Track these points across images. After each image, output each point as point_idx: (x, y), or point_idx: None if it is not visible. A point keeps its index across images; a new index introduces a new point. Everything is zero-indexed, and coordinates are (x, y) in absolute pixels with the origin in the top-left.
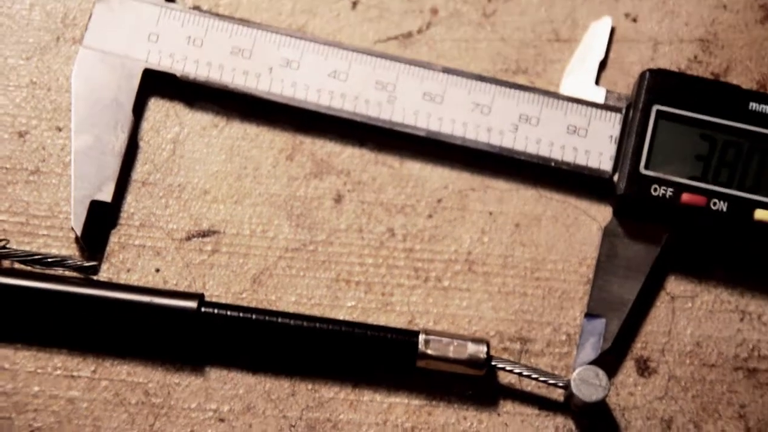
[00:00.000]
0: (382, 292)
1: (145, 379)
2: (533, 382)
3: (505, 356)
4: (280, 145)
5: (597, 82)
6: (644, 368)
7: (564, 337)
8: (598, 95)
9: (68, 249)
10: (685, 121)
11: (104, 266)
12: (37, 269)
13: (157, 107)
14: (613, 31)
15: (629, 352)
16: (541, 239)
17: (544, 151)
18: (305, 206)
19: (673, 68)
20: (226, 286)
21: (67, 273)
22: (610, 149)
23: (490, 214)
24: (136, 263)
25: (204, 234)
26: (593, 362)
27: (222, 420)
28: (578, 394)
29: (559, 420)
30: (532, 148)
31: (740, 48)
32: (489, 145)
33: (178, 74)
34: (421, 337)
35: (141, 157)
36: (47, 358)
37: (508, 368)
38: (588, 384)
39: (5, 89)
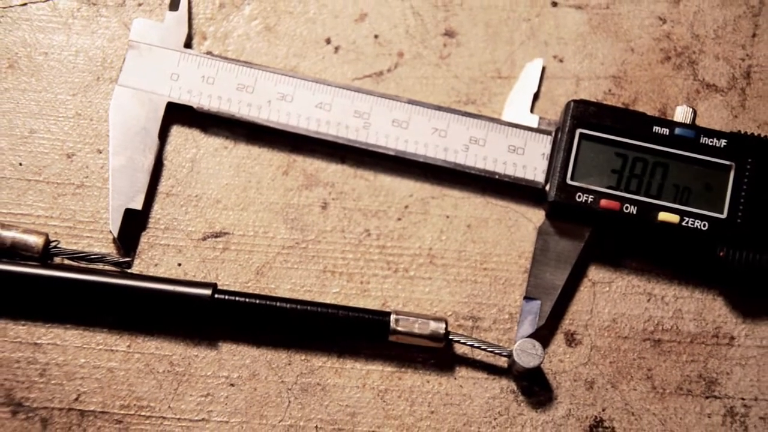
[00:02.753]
0: (360, 281)
1: (170, 352)
2: (483, 352)
3: (460, 331)
4: (278, 162)
5: (532, 111)
6: (571, 340)
7: (507, 316)
8: (533, 121)
9: (107, 248)
10: (602, 142)
11: (136, 261)
12: (83, 264)
13: (178, 133)
14: (544, 69)
15: (559, 327)
16: (488, 237)
17: (489, 167)
18: (298, 212)
19: (592, 99)
20: (234, 277)
21: (107, 267)
22: (543, 164)
23: (447, 217)
24: (162, 259)
25: (216, 235)
26: (531, 336)
27: (232, 385)
28: (519, 362)
29: (504, 382)
30: (480, 164)
31: (645, 83)
32: (445, 162)
33: (195, 106)
34: (393, 317)
35: (165, 173)
36: (91, 336)
37: (462, 341)
38: (527, 353)
39: (56, 120)
